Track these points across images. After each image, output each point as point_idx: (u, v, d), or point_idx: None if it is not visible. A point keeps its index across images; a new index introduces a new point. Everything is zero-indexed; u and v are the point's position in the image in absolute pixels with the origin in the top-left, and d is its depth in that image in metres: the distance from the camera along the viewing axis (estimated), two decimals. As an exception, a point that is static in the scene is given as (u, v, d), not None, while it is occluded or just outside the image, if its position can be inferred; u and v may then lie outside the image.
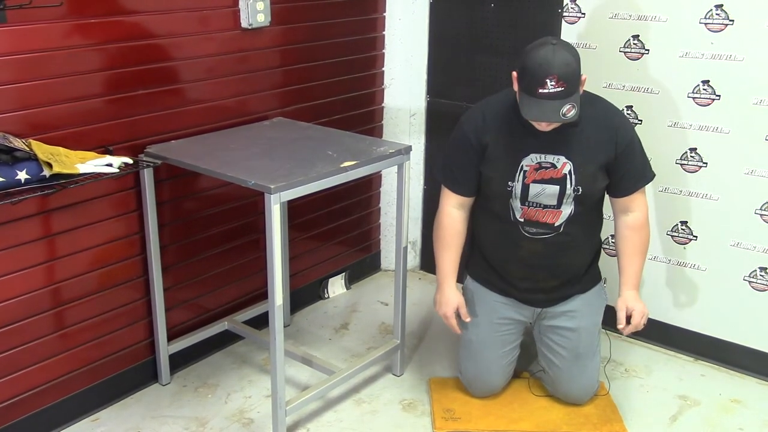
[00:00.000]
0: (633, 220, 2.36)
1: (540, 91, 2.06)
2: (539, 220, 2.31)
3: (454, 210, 2.42)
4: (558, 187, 2.26)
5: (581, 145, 2.24)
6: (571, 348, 2.44)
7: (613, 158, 2.26)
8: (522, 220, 2.32)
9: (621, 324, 2.35)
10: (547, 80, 2.05)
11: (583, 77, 2.13)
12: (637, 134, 2.31)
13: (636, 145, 2.30)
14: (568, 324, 2.43)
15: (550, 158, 2.25)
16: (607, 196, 2.38)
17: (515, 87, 2.18)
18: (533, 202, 2.29)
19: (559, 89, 2.05)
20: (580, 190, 2.26)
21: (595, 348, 2.47)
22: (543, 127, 2.18)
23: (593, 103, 2.29)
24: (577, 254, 2.39)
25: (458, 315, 2.44)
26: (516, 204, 2.30)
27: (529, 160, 2.26)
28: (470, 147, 2.32)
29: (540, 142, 2.24)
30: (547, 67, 2.05)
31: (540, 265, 2.37)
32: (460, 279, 2.61)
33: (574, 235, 2.33)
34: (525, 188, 2.28)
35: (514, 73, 2.16)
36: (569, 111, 2.07)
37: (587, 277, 2.45)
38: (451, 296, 2.42)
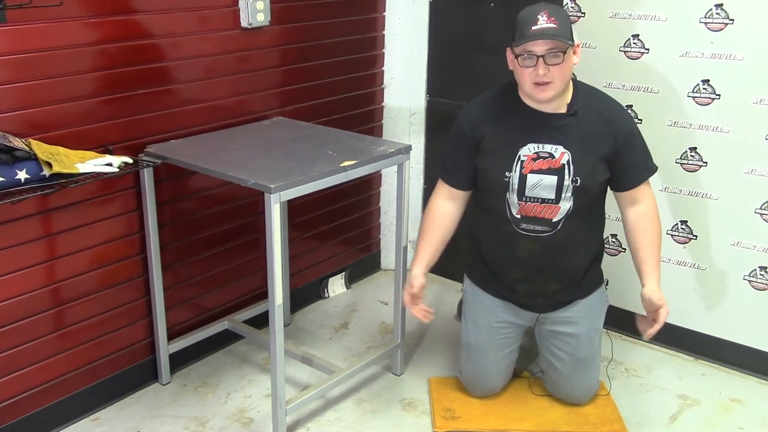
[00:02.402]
0: (644, 209, 2.32)
1: (533, 28, 2.09)
2: (537, 216, 2.29)
3: (442, 201, 2.41)
4: (556, 177, 2.24)
5: (580, 135, 2.23)
6: (572, 353, 2.43)
7: (614, 151, 2.24)
8: (519, 216, 2.30)
9: (655, 324, 2.25)
10: (539, 16, 2.09)
11: (576, 42, 2.16)
12: (637, 126, 2.30)
13: (637, 136, 2.28)
14: (569, 330, 2.42)
15: (548, 148, 2.24)
16: (611, 199, 2.37)
17: (509, 63, 2.20)
18: (531, 197, 2.27)
19: (551, 25, 2.08)
20: (579, 180, 2.24)
21: (595, 351, 2.47)
22: (540, 92, 2.16)
23: (592, 95, 2.29)
24: (576, 255, 2.37)
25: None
26: (513, 199, 2.29)
27: (527, 150, 2.25)
28: (465, 141, 2.32)
29: (537, 131, 2.24)
30: (537, 8, 2.12)
31: (538, 266, 2.35)
32: (459, 279, 2.61)
33: (573, 234, 2.31)
34: (522, 178, 2.26)
35: (509, 48, 2.18)
36: (563, 42, 2.09)
37: (587, 280, 2.43)
38: (413, 277, 2.34)
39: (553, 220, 2.29)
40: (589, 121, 2.24)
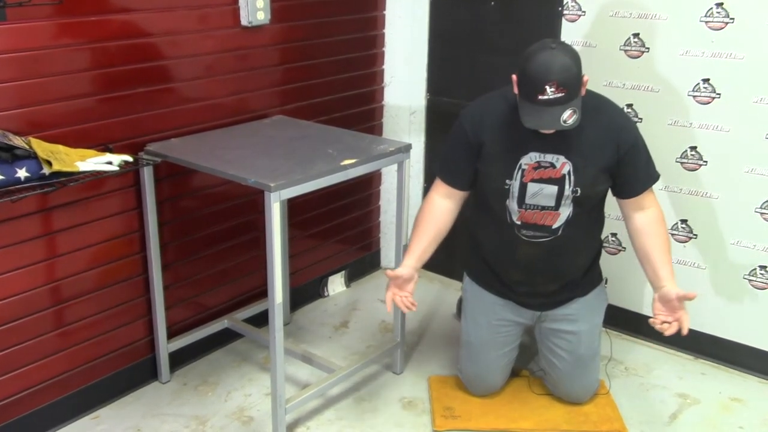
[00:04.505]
0: (652, 215, 2.30)
1: (539, 97, 2.02)
2: (537, 223, 2.28)
3: (438, 198, 2.38)
4: (556, 187, 2.24)
5: (582, 145, 2.22)
6: (572, 350, 2.43)
7: (616, 160, 2.23)
8: (519, 222, 2.30)
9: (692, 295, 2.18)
10: (547, 87, 2.00)
11: (585, 78, 2.10)
12: (641, 135, 2.28)
13: (640, 146, 2.26)
14: (568, 327, 2.43)
15: (549, 158, 2.23)
16: (610, 198, 2.36)
17: (515, 90, 2.15)
18: (531, 204, 2.26)
19: (559, 95, 2.01)
20: (579, 191, 2.23)
21: (596, 349, 2.47)
22: (541, 131, 2.16)
23: (597, 103, 2.26)
24: (576, 257, 2.37)
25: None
26: (513, 206, 2.28)
27: (528, 159, 2.24)
28: (467, 142, 2.30)
29: (540, 140, 2.22)
30: (546, 73, 2.00)
31: (537, 270, 2.35)
32: (459, 278, 2.61)
33: (573, 238, 2.30)
34: (523, 187, 2.26)
35: (514, 77, 2.13)
36: (570, 117, 2.04)
37: (587, 279, 2.43)
38: (402, 268, 2.31)
39: (553, 227, 2.28)
40: (592, 131, 2.21)
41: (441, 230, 2.38)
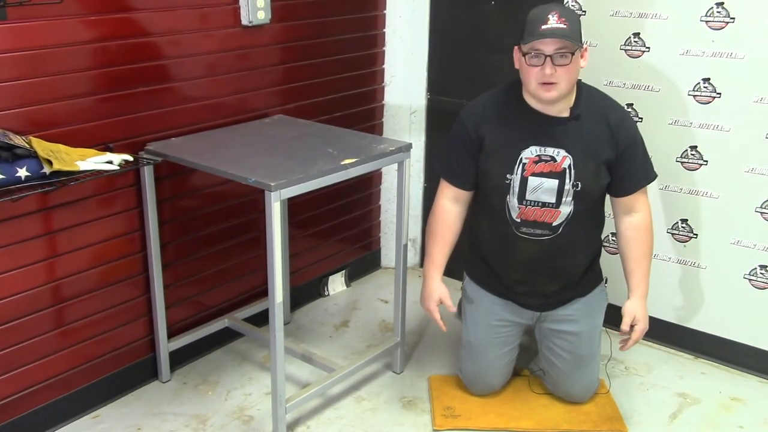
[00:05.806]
0: (638, 220, 2.33)
1: (542, 27, 2.08)
2: (537, 220, 2.28)
3: (448, 203, 2.40)
4: (557, 181, 2.24)
5: (582, 139, 2.23)
6: (573, 351, 2.43)
7: (615, 156, 2.24)
8: (519, 220, 2.30)
9: (625, 329, 2.30)
10: (549, 16, 2.08)
11: (585, 45, 2.16)
12: (639, 133, 2.30)
13: (638, 143, 2.28)
14: (569, 328, 2.43)
15: (550, 151, 2.24)
16: (608, 196, 2.37)
17: (515, 61, 2.19)
18: (531, 201, 2.27)
19: (562, 25, 2.07)
20: (579, 185, 2.24)
21: (596, 349, 2.47)
22: (545, 91, 2.15)
23: (596, 98, 2.28)
24: (575, 257, 2.36)
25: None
26: (513, 203, 2.29)
27: (529, 153, 2.25)
28: (468, 139, 2.31)
29: (540, 135, 2.23)
30: (548, 8, 2.11)
31: (537, 269, 2.35)
32: (459, 277, 2.61)
33: (573, 237, 2.30)
34: (523, 181, 2.26)
35: (516, 47, 2.17)
36: (569, 41, 2.09)
37: (586, 279, 2.43)
38: (434, 288, 2.39)
39: (553, 224, 2.28)
40: (591, 125, 2.23)
41: (456, 236, 2.43)
